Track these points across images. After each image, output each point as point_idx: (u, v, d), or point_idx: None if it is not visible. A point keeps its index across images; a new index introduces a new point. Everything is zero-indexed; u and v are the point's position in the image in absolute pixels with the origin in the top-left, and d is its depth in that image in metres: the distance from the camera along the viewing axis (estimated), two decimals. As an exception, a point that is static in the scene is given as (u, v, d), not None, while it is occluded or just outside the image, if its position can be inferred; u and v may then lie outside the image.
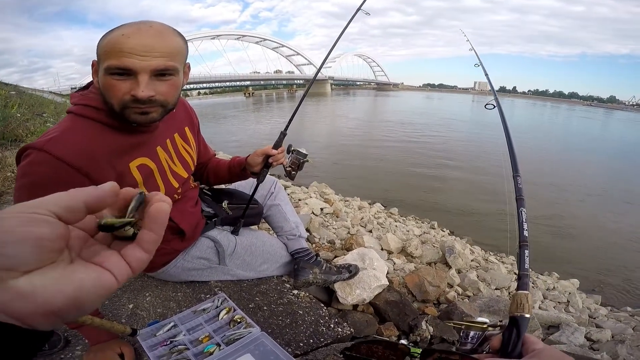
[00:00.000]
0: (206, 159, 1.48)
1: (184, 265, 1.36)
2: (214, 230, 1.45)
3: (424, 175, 10.80)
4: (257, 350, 1.12)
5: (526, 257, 0.58)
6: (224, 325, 1.20)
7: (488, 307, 2.71)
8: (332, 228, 3.99)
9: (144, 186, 1.04)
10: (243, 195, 1.56)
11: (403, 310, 1.88)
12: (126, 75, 0.85)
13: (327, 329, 1.35)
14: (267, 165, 1.37)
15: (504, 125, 0.92)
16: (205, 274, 1.43)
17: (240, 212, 1.49)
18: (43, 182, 0.86)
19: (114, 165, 0.95)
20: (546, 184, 10.12)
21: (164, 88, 0.90)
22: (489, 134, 17.94)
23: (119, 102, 0.88)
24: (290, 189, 5.41)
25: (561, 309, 3.60)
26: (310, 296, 1.55)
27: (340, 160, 12.24)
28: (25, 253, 0.24)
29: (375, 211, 5.72)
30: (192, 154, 1.26)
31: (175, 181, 1.16)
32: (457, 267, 3.62)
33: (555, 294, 3.89)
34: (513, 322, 0.50)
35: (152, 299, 1.36)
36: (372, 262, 1.95)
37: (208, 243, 1.40)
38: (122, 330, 0.99)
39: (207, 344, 1.11)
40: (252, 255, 1.51)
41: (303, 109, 1.52)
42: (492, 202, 8.04)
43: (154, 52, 0.85)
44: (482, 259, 4.36)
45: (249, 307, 1.37)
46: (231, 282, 1.50)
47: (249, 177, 1.46)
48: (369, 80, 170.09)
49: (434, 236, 4.81)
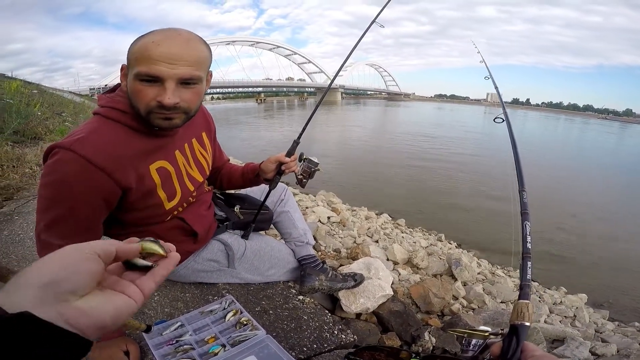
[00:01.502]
0: (220, 163, 1.51)
1: (194, 267, 1.39)
2: (225, 233, 1.48)
3: (434, 187, 10.74)
4: (261, 353, 1.14)
5: (529, 268, 0.61)
6: (230, 327, 1.23)
7: (492, 319, 2.68)
8: (339, 237, 4.00)
9: (161, 188, 1.07)
10: (254, 201, 1.60)
11: (406, 321, 1.89)
12: (153, 81, 0.88)
13: (331, 335, 1.37)
14: (279, 173, 1.40)
15: (512, 139, 0.94)
16: (214, 276, 1.47)
17: (251, 217, 1.53)
18: (68, 180, 0.89)
19: (135, 167, 0.98)
20: (559, 200, 9.97)
21: (188, 95, 0.93)
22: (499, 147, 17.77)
23: (145, 107, 0.91)
24: (298, 197, 5.44)
25: (567, 323, 3.53)
26: (315, 302, 1.57)
27: (349, 169, 12.24)
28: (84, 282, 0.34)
29: (382, 221, 5.71)
30: (208, 159, 1.29)
31: (191, 184, 1.19)
32: (463, 279, 3.59)
33: (562, 308, 3.83)
34: (513, 330, 0.52)
35: (160, 299, 1.39)
36: (378, 272, 1.96)
37: (219, 246, 1.44)
38: (137, 326, 1.00)
39: (213, 345, 1.13)
40: (261, 260, 1.54)
41: (314, 117, 1.56)
42: (500, 216, 7.95)
43: (182, 61, 0.88)
44: (489, 272, 4.31)
45: (255, 310, 1.40)
46: (239, 285, 1.53)
47: (261, 183, 1.49)
48: (380, 90, 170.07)
49: (440, 248, 4.78)
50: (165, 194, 1.09)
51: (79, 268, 0.34)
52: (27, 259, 1.69)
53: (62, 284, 0.32)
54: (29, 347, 0.27)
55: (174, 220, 1.20)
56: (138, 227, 1.15)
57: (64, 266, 0.33)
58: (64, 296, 0.32)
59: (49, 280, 0.31)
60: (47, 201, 0.94)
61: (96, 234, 1.04)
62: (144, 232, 1.16)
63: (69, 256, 0.34)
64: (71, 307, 0.32)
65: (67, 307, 0.31)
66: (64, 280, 0.32)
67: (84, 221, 0.97)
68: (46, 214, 0.95)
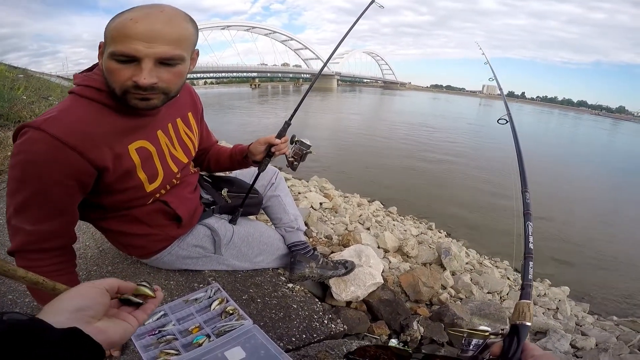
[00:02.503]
0: (208, 145, 1.45)
1: (179, 253, 1.33)
2: (211, 218, 1.41)
3: (427, 177, 10.75)
4: (247, 344, 1.09)
5: (530, 269, 0.60)
6: (215, 317, 1.17)
7: (479, 310, 2.69)
8: (330, 223, 3.96)
9: (141, 169, 1.02)
10: (243, 184, 1.52)
11: (395, 310, 1.86)
12: (130, 61, 0.82)
13: (321, 324, 1.32)
14: (269, 155, 1.35)
15: (516, 142, 0.92)
16: (199, 263, 1.40)
17: (239, 201, 1.46)
18: (37, 160, 0.85)
19: (112, 146, 0.93)
20: (546, 192, 10.07)
21: (167, 75, 0.87)
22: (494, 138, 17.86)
23: (120, 86, 0.86)
24: (291, 182, 5.37)
25: (550, 315, 3.58)
26: (305, 290, 1.52)
27: (343, 156, 12.18)
28: (100, 310, 0.46)
29: (374, 209, 5.69)
30: (194, 140, 1.24)
31: (175, 165, 1.14)
32: (452, 269, 3.59)
33: (546, 300, 3.87)
34: (514, 330, 0.51)
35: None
36: (369, 260, 1.93)
37: (205, 231, 1.37)
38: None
39: (197, 335, 1.08)
40: (249, 246, 1.47)
41: (308, 103, 1.49)
42: (491, 208, 8.04)
43: (161, 39, 0.82)
44: (477, 262, 4.34)
45: (243, 298, 1.34)
46: (225, 272, 1.47)
47: (250, 165, 1.44)
48: (376, 78, 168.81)
49: (430, 237, 4.79)
50: (145, 175, 1.03)
51: (96, 300, 0.47)
52: (6, 246, 1.60)
53: (86, 310, 0.44)
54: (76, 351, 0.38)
55: (157, 203, 1.14)
56: (119, 211, 1.10)
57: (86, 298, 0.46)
58: (88, 319, 0.44)
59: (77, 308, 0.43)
60: (16, 183, 0.88)
61: (70, 218, 0.98)
62: (126, 216, 1.10)
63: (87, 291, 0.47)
64: (93, 327, 0.44)
65: (91, 327, 0.43)
66: (88, 308, 0.45)
67: (56, 204, 0.91)
68: (15, 197, 0.89)
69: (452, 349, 1.89)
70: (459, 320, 2.12)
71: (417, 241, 4.04)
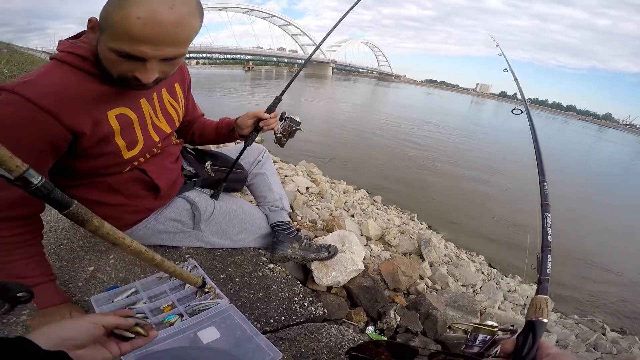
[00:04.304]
0: (193, 117, 1.37)
1: (155, 227, 1.23)
2: (192, 191, 1.32)
3: (413, 169, 10.79)
4: (223, 324, 1.02)
5: (548, 262, 0.55)
6: (189, 295, 1.09)
7: (454, 302, 2.70)
8: (316, 208, 3.91)
9: (120, 135, 0.95)
10: (228, 159, 1.44)
11: (374, 297, 1.83)
12: (133, 59, 0.77)
13: (301, 307, 1.26)
14: (257, 129, 1.29)
15: (532, 130, 0.90)
16: (177, 239, 1.31)
17: (223, 175, 1.37)
18: (8, 122, 0.79)
19: (91, 112, 0.87)
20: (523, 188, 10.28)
21: (168, 68, 0.85)
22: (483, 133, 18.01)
23: (119, 74, 0.82)
24: (278, 165, 5.27)
25: (517, 311, 3.65)
26: (286, 272, 1.45)
27: (332, 144, 12.10)
28: (86, 341, 0.52)
29: (360, 197, 5.67)
30: (179, 111, 1.17)
31: (156, 135, 1.07)
32: (431, 260, 3.61)
33: (515, 296, 3.95)
34: (530, 326, 0.47)
35: (116, 262, 1.22)
36: (351, 246, 1.87)
37: (184, 204, 1.28)
38: (195, 281, 0.98)
39: (169, 314, 1.00)
40: (230, 223, 1.39)
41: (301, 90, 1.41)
42: (474, 198, 8.15)
43: (169, 42, 0.77)
44: (455, 255, 4.38)
45: (220, 277, 1.26)
46: (204, 250, 1.38)
47: (236, 139, 1.37)
48: (371, 68, 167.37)
49: (412, 228, 4.81)
50: (124, 142, 0.97)
51: (90, 334, 0.52)
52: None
53: (71, 341, 0.49)
54: None
55: (134, 171, 1.07)
56: (94, 177, 1.01)
57: (81, 333, 0.51)
58: (71, 347, 0.49)
59: (68, 338, 0.49)
60: None
61: None
62: (101, 184, 1.02)
63: (86, 327, 0.52)
64: (74, 353, 0.48)
65: (72, 353, 0.48)
66: (73, 339, 0.50)
67: None
68: None
69: (425, 339, 1.87)
70: (434, 310, 2.11)
71: (399, 231, 4.03)
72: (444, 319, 2.19)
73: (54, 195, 0.53)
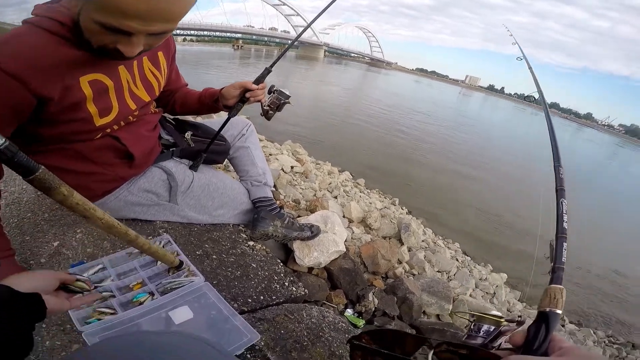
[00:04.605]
0: (176, 87, 1.30)
1: (128, 199, 1.14)
2: (169, 161, 1.22)
3: (398, 156, 10.83)
4: (196, 303, 0.96)
5: (564, 250, 0.52)
6: (161, 272, 1.01)
7: (429, 287, 2.74)
8: (300, 188, 3.84)
9: (92, 102, 0.89)
10: (209, 130, 1.35)
11: (354, 280, 1.81)
12: (119, 32, 0.71)
13: (281, 286, 1.21)
14: (242, 100, 1.21)
15: (547, 116, 0.88)
16: (151, 212, 1.22)
17: (203, 146, 1.28)
18: None
19: (62, 77, 0.82)
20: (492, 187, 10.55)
21: (154, 41, 0.79)
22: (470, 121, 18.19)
23: (99, 45, 0.76)
24: (263, 143, 5.13)
25: (487, 299, 3.77)
26: (266, 250, 1.38)
27: (320, 126, 11.97)
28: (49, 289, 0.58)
29: (344, 179, 5.64)
30: (160, 79, 1.11)
31: (133, 103, 1.01)
32: (409, 244, 3.65)
33: (486, 284, 4.06)
34: (543, 317, 0.44)
35: (83, 237, 1.12)
36: (334, 227, 1.83)
37: (160, 175, 1.18)
38: (171, 261, 0.93)
39: (138, 292, 0.92)
40: (209, 197, 1.30)
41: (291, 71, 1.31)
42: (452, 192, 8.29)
43: (162, 18, 0.70)
44: (432, 241, 4.44)
45: (196, 253, 1.18)
46: (180, 224, 1.29)
47: (220, 110, 1.29)
48: (364, 53, 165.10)
49: (393, 212, 4.83)
50: (96, 109, 0.91)
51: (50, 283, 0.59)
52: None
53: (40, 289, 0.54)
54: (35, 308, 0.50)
55: (106, 138, 1.00)
56: (61, 143, 0.95)
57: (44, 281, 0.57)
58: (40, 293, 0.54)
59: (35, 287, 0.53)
60: None
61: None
62: (68, 150, 0.97)
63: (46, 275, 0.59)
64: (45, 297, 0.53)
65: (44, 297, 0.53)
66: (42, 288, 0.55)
67: None
68: None
69: (401, 323, 1.88)
70: (410, 295, 2.12)
71: (380, 214, 4.04)
72: (419, 304, 2.21)
73: (17, 159, 0.49)
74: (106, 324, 0.84)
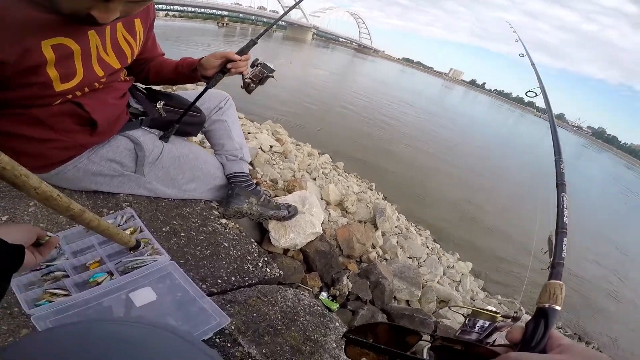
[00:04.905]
0: (151, 55, 1.22)
1: (88, 168, 1.02)
2: (137, 130, 1.11)
3: (378, 142, 10.87)
4: (160, 284, 0.87)
5: (564, 245, 0.50)
6: (122, 250, 0.92)
7: (401, 272, 2.78)
8: (278, 167, 3.75)
9: (53, 66, 0.82)
10: (184, 101, 1.23)
11: (330, 263, 1.78)
12: None
13: (254, 267, 1.14)
14: (223, 71, 1.12)
15: (549, 111, 0.90)
16: (114, 183, 1.10)
17: (176, 116, 1.17)
18: None
19: (21, 41, 0.76)
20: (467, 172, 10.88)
21: (132, 9, 0.75)
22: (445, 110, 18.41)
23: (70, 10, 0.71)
24: (242, 121, 4.94)
25: (454, 287, 3.90)
26: (240, 229, 1.30)
27: (303, 109, 11.76)
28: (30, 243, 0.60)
29: (323, 161, 5.58)
30: (134, 47, 1.04)
31: (101, 69, 0.94)
32: (384, 229, 3.68)
33: (453, 272, 4.19)
34: (542, 313, 0.43)
35: (36, 210, 1.00)
36: (311, 208, 1.77)
37: (126, 144, 1.07)
38: (125, 241, 0.85)
39: (95, 272, 0.83)
40: (180, 169, 1.20)
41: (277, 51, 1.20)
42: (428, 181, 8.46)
43: None
44: (405, 227, 4.51)
45: (163, 230, 1.08)
46: (147, 198, 1.18)
47: (198, 80, 1.19)
48: (352, 39, 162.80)
49: (369, 197, 4.85)
50: (57, 73, 0.85)
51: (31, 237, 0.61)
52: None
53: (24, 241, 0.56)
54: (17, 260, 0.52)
55: (67, 104, 0.93)
56: (15, 108, 0.88)
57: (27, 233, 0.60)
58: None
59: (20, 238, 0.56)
60: None
61: None
62: (23, 116, 0.91)
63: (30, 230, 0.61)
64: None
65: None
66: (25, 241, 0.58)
67: None
68: None
69: (373, 308, 1.88)
70: (383, 279, 2.13)
71: (357, 198, 4.04)
72: (391, 289, 2.23)
73: None
74: (58, 307, 0.75)
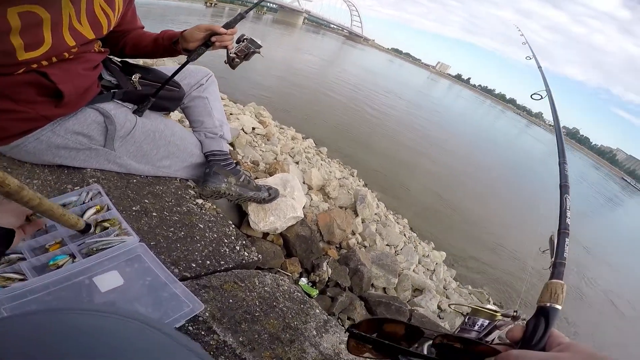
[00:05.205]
0: (130, 27, 1.15)
1: (51, 141, 0.93)
2: (109, 103, 1.01)
3: (362, 130, 10.86)
4: (128, 267, 0.80)
5: (566, 245, 0.50)
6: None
7: (379, 259, 2.80)
8: (260, 150, 3.64)
9: (18, 34, 0.76)
10: (162, 75, 1.14)
11: (310, 248, 1.75)
12: None
13: (231, 251, 1.08)
14: (207, 44, 1.06)
15: (554, 115, 0.91)
16: (80, 157, 1.01)
17: (152, 90, 1.08)
18: None
19: None
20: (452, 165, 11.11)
21: None
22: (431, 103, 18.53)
23: None
24: (224, 102, 4.76)
25: (428, 276, 3.98)
26: (217, 210, 1.23)
27: (288, 92, 11.51)
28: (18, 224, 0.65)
29: (307, 145, 5.50)
30: (112, 19, 0.98)
31: (72, 40, 0.88)
32: (364, 216, 3.68)
33: (427, 261, 4.27)
34: (542, 312, 0.44)
35: None
36: (293, 191, 1.72)
37: (95, 116, 0.97)
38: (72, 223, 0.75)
39: (55, 254, 0.75)
40: (154, 145, 1.11)
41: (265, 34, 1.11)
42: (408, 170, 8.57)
43: None
44: (383, 215, 4.55)
45: (132, 209, 1.00)
46: (117, 174, 1.09)
47: (179, 53, 1.12)
48: (343, 26, 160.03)
49: (351, 183, 4.83)
50: (22, 42, 0.79)
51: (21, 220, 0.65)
52: None
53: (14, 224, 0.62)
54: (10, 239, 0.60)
55: (31, 74, 0.86)
56: None
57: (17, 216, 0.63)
58: None
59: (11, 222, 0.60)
60: None
61: None
62: None
63: (20, 213, 0.64)
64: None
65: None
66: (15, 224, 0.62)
67: None
68: None
69: (351, 295, 1.88)
70: (362, 266, 2.13)
71: (339, 184, 4.01)
72: (369, 276, 2.24)
73: None
74: (13, 292, 0.67)
